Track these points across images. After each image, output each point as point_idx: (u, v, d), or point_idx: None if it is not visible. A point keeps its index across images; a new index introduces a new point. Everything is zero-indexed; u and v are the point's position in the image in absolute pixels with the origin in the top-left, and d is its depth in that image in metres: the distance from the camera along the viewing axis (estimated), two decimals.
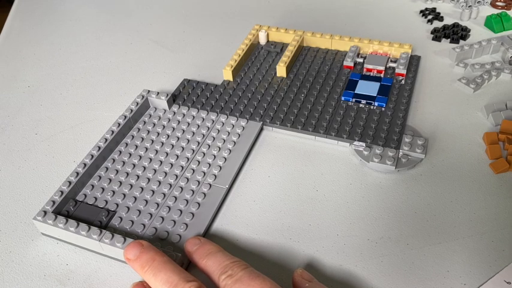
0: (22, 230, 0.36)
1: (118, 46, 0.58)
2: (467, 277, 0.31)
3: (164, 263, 0.30)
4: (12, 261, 0.34)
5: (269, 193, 0.38)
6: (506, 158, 0.40)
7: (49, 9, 0.67)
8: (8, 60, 0.56)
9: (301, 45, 0.53)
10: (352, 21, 0.60)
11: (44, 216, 0.34)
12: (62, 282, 0.32)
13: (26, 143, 0.44)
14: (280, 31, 0.54)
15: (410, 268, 0.32)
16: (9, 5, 0.68)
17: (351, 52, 0.50)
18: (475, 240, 0.34)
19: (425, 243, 0.34)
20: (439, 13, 0.61)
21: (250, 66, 0.51)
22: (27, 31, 0.62)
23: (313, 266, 0.32)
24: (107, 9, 0.65)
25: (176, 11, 0.65)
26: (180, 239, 0.34)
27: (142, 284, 0.30)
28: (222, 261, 0.30)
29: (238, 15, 0.63)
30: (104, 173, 0.39)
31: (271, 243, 0.34)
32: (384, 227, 0.35)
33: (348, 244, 0.34)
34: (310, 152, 0.42)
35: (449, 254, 0.33)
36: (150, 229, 0.34)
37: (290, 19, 0.61)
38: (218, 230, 0.35)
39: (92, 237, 0.32)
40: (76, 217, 0.35)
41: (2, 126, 0.46)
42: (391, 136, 0.41)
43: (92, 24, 0.63)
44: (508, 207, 0.36)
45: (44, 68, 0.54)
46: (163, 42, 0.57)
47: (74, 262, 0.33)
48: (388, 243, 0.34)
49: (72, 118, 0.46)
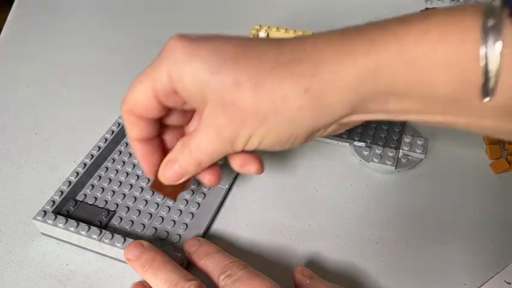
0: (22, 230, 0.36)
1: (118, 46, 0.58)
2: (468, 277, 0.31)
3: (164, 262, 0.30)
4: (12, 261, 0.34)
5: (269, 193, 0.38)
6: (506, 158, 0.40)
7: (49, 9, 0.67)
8: (8, 60, 0.56)
9: None
10: (352, 21, 0.60)
11: (43, 216, 0.34)
12: (62, 282, 0.32)
13: (26, 143, 0.44)
14: (280, 31, 0.54)
15: (410, 268, 0.32)
16: (9, 5, 0.67)
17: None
18: (475, 240, 0.34)
19: (425, 243, 0.34)
20: None
21: None
22: (27, 31, 0.62)
23: (313, 266, 0.32)
24: (107, 9, 0.65)
25: (176, 11, 0.64)
26: (180, 239, 0.34)
27: (142, 284, 0.30)
28: (221, 261, 0.30)
29: (238, 15, 0.63)
30: (104, 173, 0.39)
31: (271, 243, 0.34)
32: (384, 227, 0.35)
33: (348, 244, 0.34)
34: (310, 152, 0.42)
35: (450, 254, 0.33)
36: (150, 229, 0.34)
37: (290, 19, 0.61)
38: (218, 230, 0.35)
39: (92, 237, 0.32)
40: (76, 217, 0.35)
41: (2, 126, 0.46)
42: (391, 136, 0.41)
43: (92, 24, 0.63)
44: (508, 207, 0.36)
45: (44, 68, 0.54)
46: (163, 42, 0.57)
47: (74, 262, 0.33)
48: (388, 244, 0.34)
49: (72, 118, 0.46)
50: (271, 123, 0.26)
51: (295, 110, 0.25)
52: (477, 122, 0.24)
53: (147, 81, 0.28)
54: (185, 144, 0.29)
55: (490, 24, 0.21)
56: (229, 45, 0.26)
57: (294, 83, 0.25)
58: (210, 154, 0.28)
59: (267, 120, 0.26)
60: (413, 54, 0.23)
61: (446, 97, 0.23)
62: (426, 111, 0.25)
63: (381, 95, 0.25)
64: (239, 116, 0.26)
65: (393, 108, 0.26)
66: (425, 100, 0.24)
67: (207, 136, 0.28)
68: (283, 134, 0.27)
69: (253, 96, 0.25)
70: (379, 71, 0.24)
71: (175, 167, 0.30)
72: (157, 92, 0.28)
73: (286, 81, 0.25)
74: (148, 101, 0.28)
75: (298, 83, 0.25)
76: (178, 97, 0.28)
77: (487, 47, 0.21)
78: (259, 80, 0.25)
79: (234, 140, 0.27)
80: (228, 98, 0.26)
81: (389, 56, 0.23)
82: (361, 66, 0.24)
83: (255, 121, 0.26)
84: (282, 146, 0.28)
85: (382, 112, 0.26)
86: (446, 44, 0.22)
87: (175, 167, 0.30)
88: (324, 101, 0.25)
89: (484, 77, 0.21)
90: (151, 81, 0.28)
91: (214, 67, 0.26)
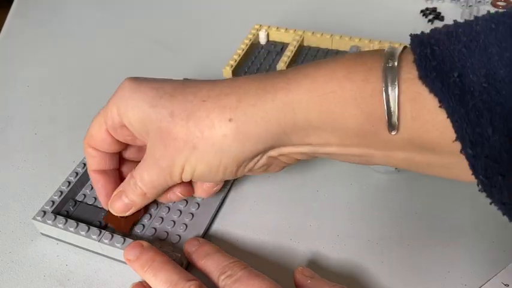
0: (21, 230, 0.36)
1: (118, 46, 0.58)
2: (468, 277, 0.31)
3: (164, 263, 0.30)
4: (12, 262, 0.34)
5: (269, 193, 0.38)
6: None
7: (49, 9, 0.67)
8: (8, 60, 0.56)
9: (301, 45, 0.53)
10: (353, 21, 0.60)
11: (43, 216, 0.34)
12: (61, 282, 0.32)
13: (26, 143, 0.44)
14: (281, 30, 0.54)
15: (411, 269, 0.32)
16: (8, 5, 0.67)
17: (351, 52, 0.50)
18: (476, 240, 0.33)
19: (426, 243, 0.33)
20: (440, 13, 0.60)
21: (250, 66, 0.51)
22: (27, 31, 0.62)
23: (314, 267, 0.32)
24: (106, 9, 0.65)
25: (176, 11, 0.64)
26: (180, 239, 0.34)
27: (142, 284, 0.30)
28: (221, 261, 0.30)
29: (238, 15, 0.63)
30: None
31: (271, 244, 0.34)
32: (385, 227, 0.35)
33: (348, 245, 0.34)
34: None
35: (450, 254, 0.33)
36: (149, 229, 0.34)
37: (290, 19, 0.61)
38: (218, 230, 0.35)
39: (92, 238, 0.32)
40: (75, 217, 0.35)
41: (2, 126, 0.46)
42: None
43: (92, 23, 0.63)
44: None
45: (44, 68, 0.54)
46: (163, 42, 0.57)
47: (74, 262, 0.33)
48: (388, 244, 0.34)
49: (72, 118, 0.46)
50: (201, 151, 0.28)
51: (221, 138, 0.28)
52: (391, 154, 0.27)
53: (101, 117, 0.31)
54: (132, 176, 0.31)
55: (390, 65, 0.24)
56: (170, 83, 0.30)
57: (220, 113, 0.27)
58: (152, 185, 0.30)
59: (197, 148, 0.28)
60: (323, 91, 0.26)
61: (357, 130, 0.26)
62: (344, 143, 0.27)
63: (299, 127, 0.27)
64: (173, 145, 0.28)
65: (314, 141, 0.28)
66: (340, 133, 0.27)
67: (148, 167, 0.30)
68: (212, 163, 0.29)
69: (185, 125, 0.28)
70: (294, 106, 0.27)
71: (123, 199, 0.32)
72: (109, 127, 0.31)
73: (214, 112, 0.28)
74: (102, 135, 0.31)
75: (223, 113, 0.27)
76: (129, 132, 0.31)
77: (386, 85, 0.24)
78: (191, 111, 0.28)
79: (171, 169, 0.29)
80: (164, 129, 0.28)
81: (302, 92, 0.26)
82: (279, 102, 0.27)
83: (187, 149, 0.28)
84: (215, 175, 0.30)
85: (305, 145, 0.29)
86: (352, 82, 0.25)
87: (123, 199, 0.32)
88: (247, 130, 0.27)
89: (387, 112, 0.24)
90: (104, 117, 0.31)
91: (153, 101, 0.29)
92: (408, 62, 0.24)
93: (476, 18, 0.24)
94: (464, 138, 0.22)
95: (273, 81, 0.27)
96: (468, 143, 0.22)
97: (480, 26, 0.23)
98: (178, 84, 0.29)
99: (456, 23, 0.25)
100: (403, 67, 0.24)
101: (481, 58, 0.22)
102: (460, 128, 0.22)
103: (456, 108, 0.22)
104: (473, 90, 0.22)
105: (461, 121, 0.22)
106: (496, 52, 0.22)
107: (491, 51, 0.22)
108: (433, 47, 0.23)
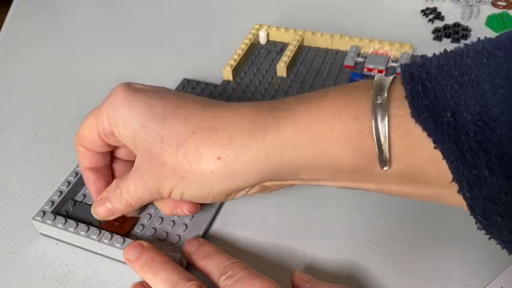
0: (21, 230, 0.36)
1: (118, 46, 0.58)
2: (469, 278, 0.31)
3: (164, 263, 0.30)
4: (12, 262, 0.33)
5: (269, 193, 0.38)
6: None
7: (49, 9, 0.66)
8: (7, 60, 0.56)
9: (301, 45, 0.53)
10: (353, 21, 0.60)
11: (43, 216, 0.34)
12: (61, 283, 0.32)
13: (26, 143, 0.44)
14: (281, 30, 0.53)
15: (411, 269, 0.32)
16: (8, 5, 0.67)
17: (351, 52, 0.50)
18: (477, 240, 0.33)
19: (426, 243, 0.33)
20: (440, 12, 0.60)
21: (250, 65, 0.51)
22: (27, 31, 0.62)
23: (314, 267, 0.32)
24: (106, 9, 0.65)
25: (176, 11, 0.64)
26: (180, 239, 0.34)
27: (142, 284, 0.30)
28: (221, 262, 0.30)
29: (238, 15, 0.63)
30: None
31: (271, 244, 0.34)
32: (385, 227, 0.35)
33: (348, 245, 0.34)
34: None
35: (451, 254, 0.33)
36: (149, 229, 0.34)
37: (290, 18, 0.61)
38: (218, 230, 0.35)
39: (91, 238, 0.32)
40: (75, 217, 0.35)
41: (1, 126, 0.46)
42: None
43: (92, 24, 0.63)
44: None
45: (44, 68, 0.54)
46: (163, 42, 0.57)
47: (74, 263, 0.33)
48: (389, 244, 0.34)
49: (71, 118, 0.46)
50: (189, 181, 0.28)
51: (209, 173, 0.28)
52: (385, 187, 0.27)
53: (92, 119, 0.31)
54: (118, 185, 0.31)
55: (379, 101, 0.24)
56: (162, 103, 0.29)
57: (209, 149, 0.27)
58: (138, 198, 0.30)
59: (185, 178, 0.28)
60: (314, 132, 0.26)
61: (348, 167, 0.26)
62: (336, 179, 0.28)
63: (290, 166, 0.27)
64: (161, 170, 0.28)
65: (306, 177, 0.28)
66: (331, 171, 0.27)
67: (135, 183, 0.30)
68: (201, 192, 0.29)
69: (174, 154, 0.28)
70: (284, 147, 0.27)
71: (106, 205, 0.32)
72: (100, 133, 0.31)
73: (203, 147, 0.27)
74: (94, 138, 0.31)
75: (212, 149, 0.27)
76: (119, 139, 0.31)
77: (376, 122, 0.24)
78: (180, 140, 0.28)
79: (158, 189, 0.29)
80: (153, 151, 0.28)
81: (291, 132, 0.26)
82: (269, 143, 0.27)
83: (175, 178, 0.28)
84: (204, 200, 0.30)
85: (297, 180, 0.29)
86: (342, 122, 0.25)
87: (107, 205, 0.32)
88: (236, 168, 0.27)
89: (378, 148, 0.24)
90: (95, 121, 0.31)
91: (144, 121, 0.28)
92: (398, 97, 0.24)
93: (467, 48, 0.23)
94: (461, 179, 0.22)
95: (263, 119, 0.27)
96: (466, 184, 0.22)
97: (471, 60, 0.23)
98: (170, 104, 0.29)
99: (446, 53, 0.24)
100: (393, 101, 0.24)
101: (474, 95, 0.22)
102: (457, 169, 0.22)
103: (452, 150, 0.22)
104: (468, 129, 0.21)
105: (457, 163, 0.22)
106: (489, 89, 0.21)
107: (484, 88, 0.22)
108: (425, 82, 0.23)
